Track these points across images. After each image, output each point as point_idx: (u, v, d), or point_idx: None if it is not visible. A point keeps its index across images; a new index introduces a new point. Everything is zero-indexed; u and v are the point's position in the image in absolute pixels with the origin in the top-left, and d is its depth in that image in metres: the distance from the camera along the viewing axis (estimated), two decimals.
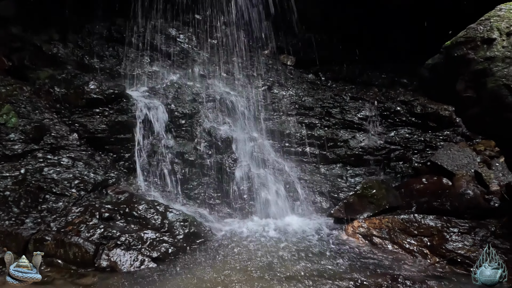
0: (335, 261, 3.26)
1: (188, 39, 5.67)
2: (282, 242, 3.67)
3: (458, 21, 3.39)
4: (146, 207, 3.72)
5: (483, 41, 2.99)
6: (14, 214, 3.48)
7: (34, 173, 3.80)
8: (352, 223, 3.86)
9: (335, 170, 5.06)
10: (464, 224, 3.40)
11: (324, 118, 5.31)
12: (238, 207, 4.38)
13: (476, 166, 4.34)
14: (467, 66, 3.09)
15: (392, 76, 5.86)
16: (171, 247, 3.43)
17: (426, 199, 4.09)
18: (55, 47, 4.94)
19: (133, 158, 4.39)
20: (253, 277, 2.99)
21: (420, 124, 5.26)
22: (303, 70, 6.01)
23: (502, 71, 2.82)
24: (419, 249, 3.40)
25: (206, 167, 4.57)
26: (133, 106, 4.52)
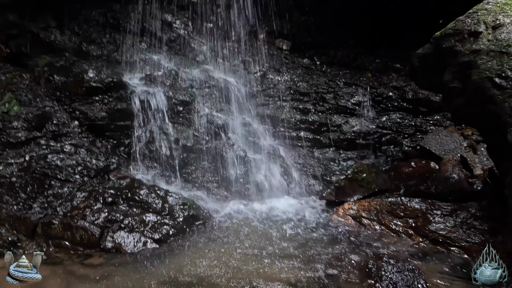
0: (325, 241, 3.50)
1: (184, 25, 5.69)
2: (276, 223, 3.90)
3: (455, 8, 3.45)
4: (147, 191, 3.91)
5: (469, 34, 3.10)
6: (22, 199, 3.65)
7: (39, 160, 3.95)
8: (343, 205, 4.08)
9: (328, 154, 5.24)
10: (447, 207, 3.62)
11: (318, 104, 5.44)
12: (234, 190, 4.58)
13: (462, 150, 4.54)
14: (454, 57, 3.20)
15: (386, 60, 5.95)
16: (171, 229, 3.64)
17: (414, 182, 4.31)
18: (52, 34, 4.96)
19: (133, 144, 4.53)
20: (249, 255, 3.22)
21: (411, 109, 5.41)
22: (298, 54, 6.08)
23: (486, 64, 2.95)
24: (404, 230, 3.63)
25: (204, 152, 4.73)
26: (132, 94, 4.62)
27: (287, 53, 6.02)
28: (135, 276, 2.93)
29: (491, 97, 2.88)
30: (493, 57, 2.92)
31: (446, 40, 3.26)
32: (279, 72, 5.67)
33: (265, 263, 3.09)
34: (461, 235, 3.35)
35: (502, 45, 2.91)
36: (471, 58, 3.03)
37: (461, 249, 3.28)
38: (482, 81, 2.93)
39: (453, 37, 3.20)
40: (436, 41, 3.40)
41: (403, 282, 2.79)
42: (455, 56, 3.18)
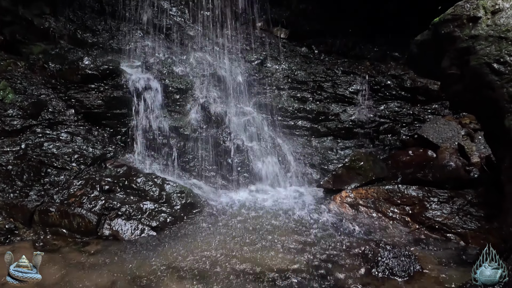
0: (322, 228, 3.51)
1: (181, 12, 5.62)
2: (273, 211, 3.91)
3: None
4: (144, 179, 3.90)
5: (469, 19, 3.06)
6: (18, 187, 3.64)
7: (35, 148, 3.93)
8: (340, 193, 4.08)
9: (326, 143, 5.23)
10: (443, 194, 3.62)
11: (316, 92, 5.41)
12: (232, 179, 4.57)
13: (460, 139, 4.54)
14: (453, 43, 3.17)
15: (385, 49, 5.91)
16: (169, 216, 3.65)
17: (411, 170, 4.31)
18: (46, 21, 4.89)
19: (129, 132, 4.51)
20: (246, 242, 3.23)
21: (409, 97, 5.39)
22: (296, 43, 6.02)
23: (484, 50, 2.92)
24: (401, 217, 3.64)
25: (201, 140, 4.72)
26: (128, 82, 4.58)
27: (285, 42, 5.97)
28: (133, 263, 2.94)
29: (489, 82, 2.86)
30: (492, 42, 2.89)
31: (444, 26, 3.21)
32: (276, 61, 5.63)
33: (262, 250, 3.10)
34: (458, 222, 3.36)
35: (501, 30, 2.88)
36: (470, 43, 3.00)
37: (457, 235, 3.30)
38: (480, 67, 2.90)
39: (452, 22, 3.16)
40: (435, 27, 3.36)
41: (399, 267, 2.81)
42: (453, 42, 3.14)
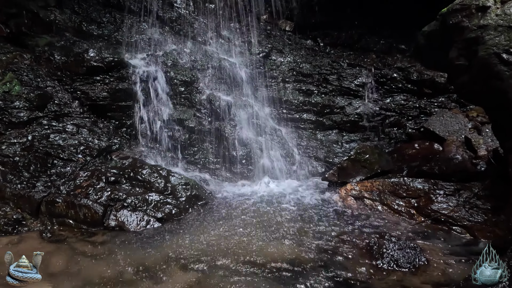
0: (327, 221, 3.50)
1: (186, 4, 5.60)
2: (278, 204, 3.91)
3: None
4: (149, 171, 3.91)
5: (477, 8, 3.01)
6: (25, 178, 3.67)
7: (41, 139, 3.95)
8: (345, 186, 4.07)
9: (331, 136, 5.21)
10: (450, 187, 3.59)
11: (322, 85, 5.38)
12: (237, 171, 4.58)
13: (466, 132, 4.50)
14: (461, 33, 3.12)
15: (391, 41, 5.84)
16: (174, 208, 3.66)
17: (417, 163, 4.28)
18: (52, 14, 4.90)
19: (134, 124, 4.53)
20: (251, 234, 3.24)
21: (415, 90, 5.34)
22: (302, 35, 5.98)
23: (493, 40, 2.87)
24: (407, 209, 3.62)
25: (206, 133, 4.72)
26: (133, 74, 4.59)
27: (290, 34, 5.93)
28: (138, 254, 2.96)
29: (497, 73, 2.81)
30: (501, 32, 2.84)
31: (453, 16, 3.17)
32: (282, 53, 5.59)
33: (267, 242, 3.11)
34: (464, 215, 3.34)
35: (510, 20, 2.83)
36: (478, 33, 2.95)
37: (464, 228, 3.27)
38: (489, 57, 2.85)
39: (460, 12, 3.11)
40: (443, 17, 3.31)
41: (405, 259, 2.80)
42: (461, 32, 3.10)
